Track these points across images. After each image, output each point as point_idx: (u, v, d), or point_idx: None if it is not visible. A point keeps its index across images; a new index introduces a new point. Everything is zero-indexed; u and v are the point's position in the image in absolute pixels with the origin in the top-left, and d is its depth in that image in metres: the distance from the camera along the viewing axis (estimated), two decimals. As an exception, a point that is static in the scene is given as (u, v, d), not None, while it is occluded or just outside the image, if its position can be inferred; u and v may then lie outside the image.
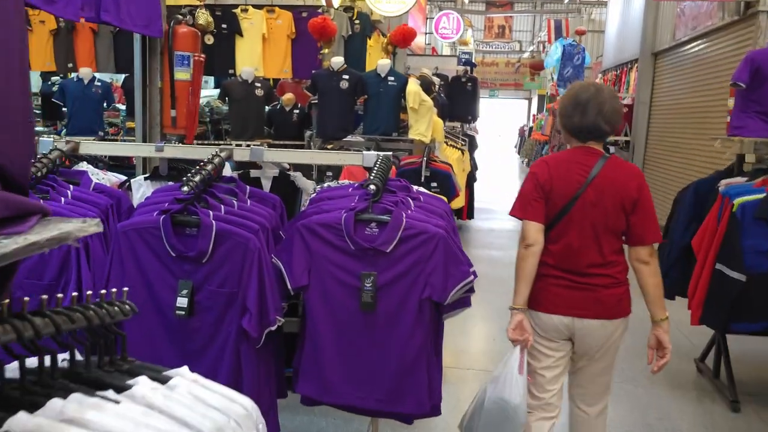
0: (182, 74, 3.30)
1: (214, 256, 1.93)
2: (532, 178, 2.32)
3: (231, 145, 6.76)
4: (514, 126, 31.85)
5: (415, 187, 2.41)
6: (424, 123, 6.08)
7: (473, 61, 17.48)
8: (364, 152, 2.31)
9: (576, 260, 2.29)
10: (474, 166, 9.52)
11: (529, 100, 32.06)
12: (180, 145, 2.75)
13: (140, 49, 3.54)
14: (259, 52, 7.18)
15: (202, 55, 3.34)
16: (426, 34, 17.54)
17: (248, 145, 7.15)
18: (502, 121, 37.48)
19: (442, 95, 9.02)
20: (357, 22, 7.06)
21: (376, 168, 2.15)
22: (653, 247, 2.35)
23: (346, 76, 6.09)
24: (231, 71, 7.15)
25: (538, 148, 15.23)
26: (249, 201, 2.15)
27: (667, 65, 10.24)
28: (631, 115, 11.01)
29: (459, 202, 8.09)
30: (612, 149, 11.16)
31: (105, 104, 6.96)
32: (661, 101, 10.34)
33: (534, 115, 26.84)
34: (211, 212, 1.95)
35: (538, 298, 2.31)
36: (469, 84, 10.59)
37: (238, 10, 7.03)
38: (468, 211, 8.64)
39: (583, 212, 2.26)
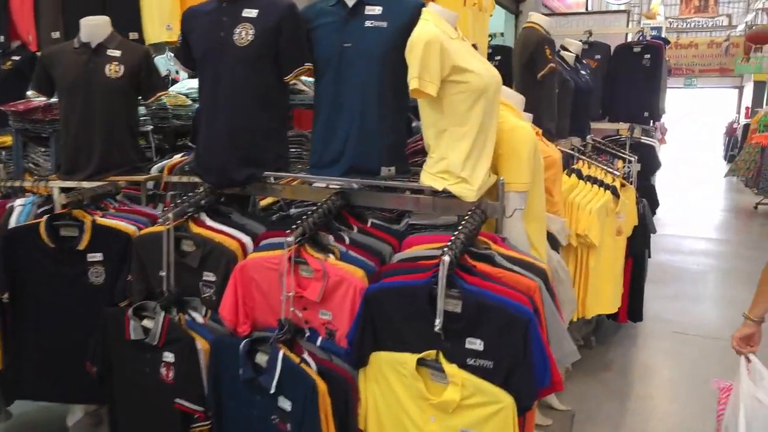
0: None
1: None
2: None
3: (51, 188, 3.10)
4: (718, 122, 25.06)
5: None
6: (460, 141, 1.98)
7: (664, 37, 12.36)
8: None
9: None
10: (650, 206, 4.98)
11: (740, 88, 24.89)
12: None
13: None
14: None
15: None
16: (589, -7, 12.61)
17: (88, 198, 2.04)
18: (699, 116, 30.25)
19: (585, 72, 4.67)
20: None
21: None
22: None
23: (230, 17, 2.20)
24: (134, 34, 3.61)
25: (764, 158, 9.86)
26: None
27: None
28: None
29: (610, 304, 3.80)
30: None
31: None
32: None
33: (747, 108, 20.24)
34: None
35: None
36: (647, 56, 6.00)
37: None
38: (630, 309, 4.25)
39: None
